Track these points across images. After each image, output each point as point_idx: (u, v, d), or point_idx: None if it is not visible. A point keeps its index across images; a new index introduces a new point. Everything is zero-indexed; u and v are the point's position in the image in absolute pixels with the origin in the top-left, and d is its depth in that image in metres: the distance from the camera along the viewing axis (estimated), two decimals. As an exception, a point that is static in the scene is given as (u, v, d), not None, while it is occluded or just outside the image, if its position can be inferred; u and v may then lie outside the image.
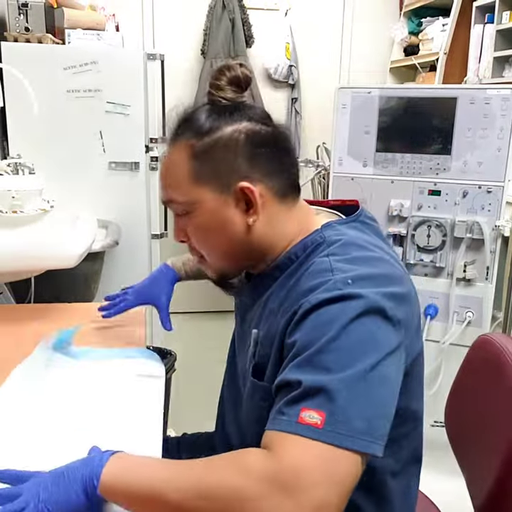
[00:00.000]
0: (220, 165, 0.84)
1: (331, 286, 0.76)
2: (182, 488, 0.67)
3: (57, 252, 1.55)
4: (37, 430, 0.96)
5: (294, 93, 3.66)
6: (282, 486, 0.63)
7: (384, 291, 0.76)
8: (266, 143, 0.86)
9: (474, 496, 1.11)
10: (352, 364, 0.69)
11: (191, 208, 0.86)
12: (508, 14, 2.61)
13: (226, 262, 0.91)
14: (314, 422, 0.66)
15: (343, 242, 0.84)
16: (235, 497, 0.64)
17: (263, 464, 0.65)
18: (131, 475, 0.71)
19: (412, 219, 1.93)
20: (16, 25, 2.28)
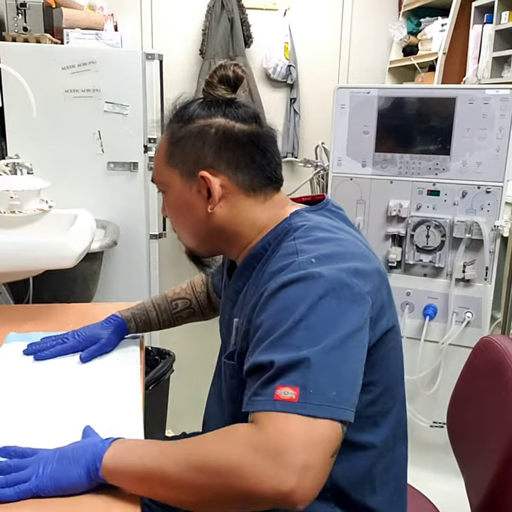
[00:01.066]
0: (189, 152, 0.92)
1: (296, 267, 0.81)
2: (177, 461, 0.73)
3: (56, 252, 1.54)
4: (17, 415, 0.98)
5: (292, 93, 3.66)
6: (268, 453, 0.68)
7: (347, 266, 0.81)
8: (236, 140, 0.92)
9: (472, 497, 1.11)
10: (320, 340, 0.74)
11: (164, 187, 0.97)
12: (507, 14, 2.61)
13: (193, 242, 1.00)
14: (289, 397, 0.71)
15: (307, 226, 0.89)
16: (225, 465, 0.70)
17: (250, 435, 0.71)
18: (130, 455, 0.77)
19: (411, 219, 1.93)
20: (15, 25, 2.28)
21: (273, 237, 0.92)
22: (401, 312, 2.00)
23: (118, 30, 2.75)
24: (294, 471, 0.67)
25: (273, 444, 0.69)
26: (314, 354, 0.73)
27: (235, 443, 0.71)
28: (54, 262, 1.55)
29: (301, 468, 0.68)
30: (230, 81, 0.94)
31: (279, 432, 0.70)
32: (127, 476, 0.77)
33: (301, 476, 0.68)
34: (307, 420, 0.70)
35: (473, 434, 1.14)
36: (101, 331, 1.22)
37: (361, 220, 1.99)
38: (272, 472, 0.68)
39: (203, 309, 1.32)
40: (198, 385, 2.45)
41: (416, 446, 2.04)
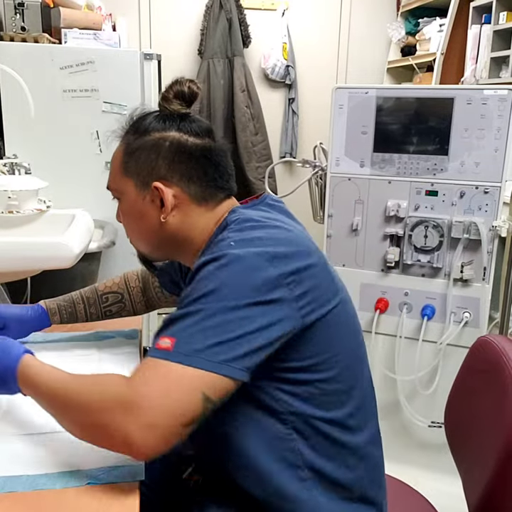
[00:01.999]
0: (143, 164, 0.97)
1: (216, 250, 0.87)
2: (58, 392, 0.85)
3: (54, 252, 1.54)
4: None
5: (291, 93, 3.66)
6: (123, 404, 0.77)
7: (265, 250, 0.85)
8: (189, 153, 0.96)
9: (470, 497, 1.11)
10: (212, 303, 0.81)
11: (119, 195, 1.02)
12: (505, 14, 2.61)
13: (145, 248, 1.05)
14: (166, 346, 0.79)
15: (240, 219, 0.94)
16: (84, 407, 0.81)
17: (116, 384, 0.80)
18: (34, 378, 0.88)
19: (409, 219, 1.93)
20: (12, 24, 2.28)
21: (213, 237, 0.98)
22: (399, 312, 2.00)
23: (116, 30, 2.75)
24: (139, 426, 0.75)
25: (131, 396, 0.77)
26: (199, 312, 0.80)
27: (101, 390, 0.81)
28: (52, 262, 1.55)
29: (147, 426, 0.76)
30: (185, 96, 0.98)
31: (143, 381, 0.78)
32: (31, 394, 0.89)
33: (145, 433, 0.76)
34: (175, 367, 0.77)
35: (470, 433, 1.14)
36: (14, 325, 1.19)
37: (359, 220, 1.99)
38: (121, 423, 0.76)
39: (134, 304, 1.32)
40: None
41: (414, 446, 2.05)
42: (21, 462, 0.87)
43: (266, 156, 3.59)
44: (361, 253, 2.02)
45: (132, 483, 0.83)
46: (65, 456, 0.88)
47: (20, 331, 1.21)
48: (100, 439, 0.81)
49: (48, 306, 1.24)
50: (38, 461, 0.87)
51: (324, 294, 0.90)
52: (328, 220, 2.04)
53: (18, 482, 0.82)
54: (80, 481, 0.82)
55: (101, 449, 0.81)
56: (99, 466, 0.85)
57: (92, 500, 0.79)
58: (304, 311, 0.86)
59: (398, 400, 2.04)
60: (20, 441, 0.92)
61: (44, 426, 0.96)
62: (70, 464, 0.86)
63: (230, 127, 3.51)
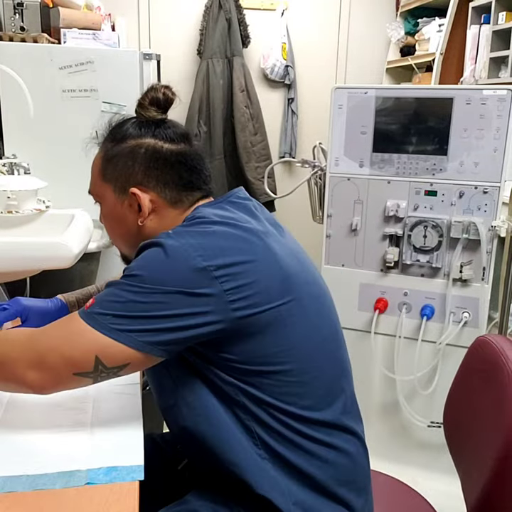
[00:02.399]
0: (121, 170, 1.00)
1: (157, 237, 0.91)
2: None
3: (53, 252, 1.54)
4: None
5: (290, 93, 3.66)
6: (22, 346, 0.90)
7: (198, 242, 0.89)
8: (163, 159, 1.00)
9: (468, 496, 1.11)
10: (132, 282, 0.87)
11: (99, 200, 1.06)
12: (505, 15, 2.61)
13: (126, 249, 1.08)
14: (87, 305, 0.89)
15: (194, 217, 0.97)
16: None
17: (26, 333, 0.94)
18: None
19: (408, 219, 1.93)
20: (12, 24, 2.28)
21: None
22: (398, 312, 2.00)
23: (115, 30, 2.75)
24: (34, 365, 0.88)
25: (37, 340, 0.90)
26: (120, 285, 0.88)
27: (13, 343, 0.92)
28: (51, 262, 1.55)
29: (41, 365, 0.87)
30: (160, 103, 1.01)
31: (53, 329, 0.91)
32: None
33: (39, 371, 0.88)
34: (80, 324, 0.87)
35: (469, 433, 1.14)
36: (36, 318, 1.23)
37: (358, 220, 1.99)
38: (15, 359, 0.89)
39: None
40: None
41: (413, 446, 2.05)
42: (21, 462, 0.86)
43: (265, 156, 3.59)
44: (360, 253, 2.02)
45: (131, 483, 0.83)
46: (65, 456, 0.88)
47: (41, 324, 1.21)
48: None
49: (67, 300, 1.28)
50: (37, 462, 0.87)
51: (264, 291, 0.90)
52: (328, 220, 2.04)
53: (17, 482, 0.82)
54: (79, 481, 0.83)
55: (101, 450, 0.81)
56: (99, 467, 0.85)
57: (92, 501, 0.79)
58: (236, 306, 0.87)
59: (397, 399, 2.04)
60: (20, 442, 0.92)
61: (44, 426, 0.96)
62: (69, 464, 0.86)
63: (230, 127, 3.51)
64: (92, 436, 0.93)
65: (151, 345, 0.86)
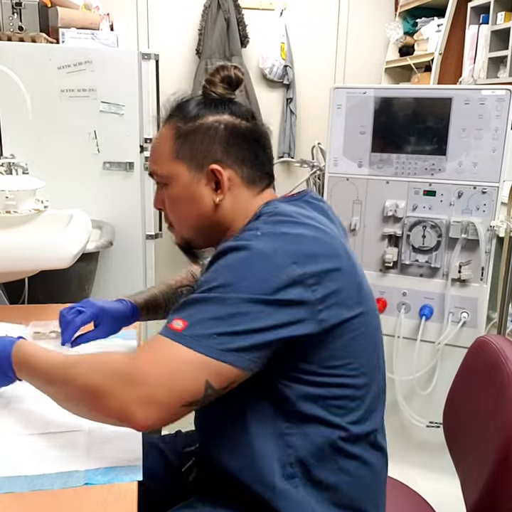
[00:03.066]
0: (198, 147, 0.97)
1: (241, 237, 0.88)
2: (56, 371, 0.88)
3: (51, 252, 1.54)
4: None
5: (289, 93, 3.66)
6: (126, 379, 0.80)
7: (290, 247, 0.85)
8: (243, 136, 0.98)
9: (468, 496, 1.11)
10: (226, 293, 0.82)
11: (168, 180, 1.00)
12: (503, 15, 2.61)
13: (191, 232, 1.03)
14: (177, 327, 0.81)
15: (273, 212, 0.94)
16: (85, 384, 0.83)
17: (121, 361, 0.83)
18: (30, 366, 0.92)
19: (407, 219, 1.93)
20: (10, 24, 2.27)
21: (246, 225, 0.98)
22: (397, 312, 2.00)
23: (114, 29, 2.74)
24: (140, 400, 0.79)
25: (135, 371, 0.80)
26: (215, 300, 0.82)
27: (104, 368, 0.83)
28: (49, 263, 1.54)
29: (146, 399, 0.79)
30: (232, 81, 1.00)
31: (148, 358, 0.81)
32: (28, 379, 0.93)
33: (146, 407, 0.79)
34: (180, 349, 0.80)
35: (468, 433, 1.14)
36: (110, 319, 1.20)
37: (357, 221, 1.99)
38: (120, 395, 0.79)
39: None
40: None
41: (412, 446, 2.05)
42: (19, 463, 0.86)
43: (264, 156, 3.58)
44: (359, 253, 2.02)
45: (130, 484, 0.82)
46: (63, 456, 0.88)
47: (113, 326, 1.22)
48: (97, 410, 0.83)
49: (136, 301, 1.25)
50: (36, 462, 0.86)
51: (346, 301, 0.89)
52: (326, 220, 2.04)
53: (16, 483, 0.82)
54: (77, 481, 0.82)
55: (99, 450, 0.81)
56: (97, 467, 0.85)
57: (90, 501, 0.79)
58: (323, 315, 0.85)
59: (396, 400, 2.04)
60: (18, 442, 0.92)
61: (42, 426, 0.96)
62: (67, 464, 0.86)
63: (228, 127, 3.50)
64: (90, 436, 0.93)
65: (255, 361, 0.82)
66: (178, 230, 1.04)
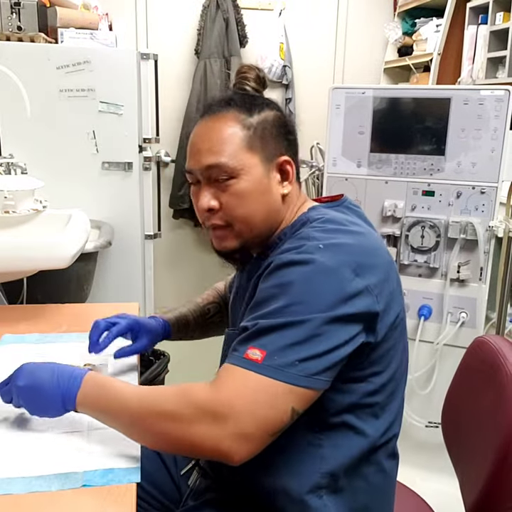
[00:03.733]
0: (268, 139, 0.96)
1: (303, 250, 0.86)
2: (139, 405, 0.84)
3: (50, 252, 1.53)
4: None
5: (288, 93, 3.66)
6: (213, 414, 0.78)
7: (351, 260, 0.85)
8: (293, 130, 1.01)
9: (466, 496, 1.11)
10: (301, 315, 0.81)
11: (238, 173, 0.93)
12: (502, 15, 2.61)
13: (255, 230, 0.97)
14: (256, 358, 0.80)
15: (323, 219, 0.94)
16: (172, 418, 0.80)
17: (203, 394, 0.80)
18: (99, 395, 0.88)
19: (405, 219, 1.93)
20: (9, 24, 2.27)
21: (290, 228, 0.97)
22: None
23: (112, 29, 2.74)
24: (232, 437, 0.77)
25: (221, 406, 0.78)
26: (290, 324, 0.80)
27: (187, 401, 0.80)
28: (48, 263, 1.54)
29: (237, 435, 0.77)
30: (262, 82, 1.02)
31: (231, 393, 0.79)
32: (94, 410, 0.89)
33: (238, 443, 0.78)
34: (263, 380, 0.79)
35: (467, 433, 1.14)
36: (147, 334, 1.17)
37: (356, 221, 1.99)
38: (211, 433, 0.78)
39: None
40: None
41: (411, 446, 2.05)
42: (17, 464, 0.86)
43: (263, 156, 3.58)
44: (358, 253, 2.01)
45: (128, 485, 0.82)
46: (61, 458, 0.88)
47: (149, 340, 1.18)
48: (188, 448, 0.82)
49: (167, 318, 1.24)
50: (33, 464, 0.86)
51: (394, 307, 0.90)
52: (325, 220, 2.04)
53: (13, 484, 0.82)
54: (75, 483, 0.82)
55: (97, 452, 0.81)
56: (95, 468, 0.85)
57: (88, 503, 0.79)
58: (382, 323, 0.87)
59: (395, 400, 2.03)
60: (15, 444, 0.92)
61: (40, 428, 0.95)
62: (65, 466, 0.86)
63: (227, 127, 3.50)
64: (88, 438, 0.93)
65: (330, 380, 0.83)
66: (238, 228, 0.96)
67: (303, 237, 0.90)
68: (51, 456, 0.88)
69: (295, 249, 0.87)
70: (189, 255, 3.64)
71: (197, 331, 1.28)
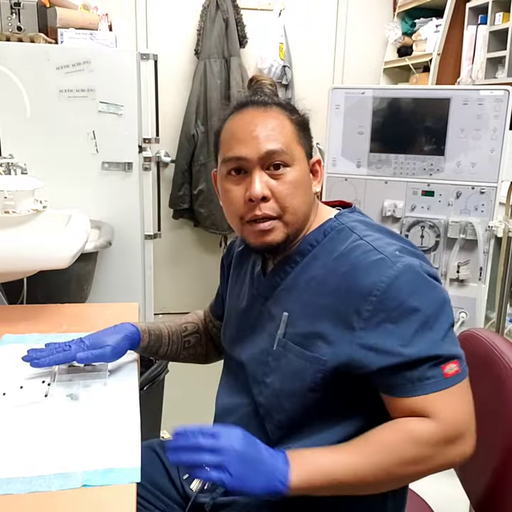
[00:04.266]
0: (306, 138, 0.99)
1: (389, 262, 0.86)
2: (372, 472, 0.82)
3: (50, 252, 1.54)
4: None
5: (287, 93, 3.66)
6: (450, 441, 0.82)
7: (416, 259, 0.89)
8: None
9: (471, 493, 1.11)
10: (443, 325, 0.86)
11: (291, 162, 0.94)
12: (501, 15, 2.62)
13: (299, 223, 0.96)
14: (455, 370, 0.84)
15: (364, 225, 0.95)
16: (415, 462, 0.82)
17: (430, 431, 0.82)
18: (318, 475, 0.82)
19: (405, 220, 1.93)
20: (9, 24, 2.27)
21: (321, 234, 0.97)
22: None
23: (112, 30, 2.74)
24: (471, 442, 0.84)
25: (452, 432, 0.82)
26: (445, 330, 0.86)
27: (420, 443, 0.82)
28: (48, 263, 1.54)
29: (472, 437, 0.84)
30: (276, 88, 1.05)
31: (454, 416, 0.83)
32: (314, 489, 0.83)
33: (472, 442, 0.84)
34: (465, 381, 0.85)
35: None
36: (109, 337, 1.11)
37: (356, 221, 1.99)
38: (454, 457, 0.83)
39: (207, 337, 1.27)
40: (193, 385, 2.45)
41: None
42: (17, 464, 0.86)
43: (262, 156, 3.58)
44: (358, 253, 2.02)
45: (128, 486, 0.82)
46: (61, 458, 0.88)
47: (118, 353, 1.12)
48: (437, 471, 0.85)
49: (137, 325, 1.17)
50: (33, 463, 0.86)
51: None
52: (325, 221, 2.04)
53: (13, 484, 0.82)
54: (75, 483, 0.82)
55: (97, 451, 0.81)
56: (95, 469, 0.85)
57: (88, 503, 0.79)
58: None
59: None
60: (15, 444, 0.92)
61: (40, 428, 0.96)
62: (65, 466, 0.86)
63: (227, 127, 3.50)
64: (88, 437, 0.93)
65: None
66: (288, 220, 0.94)
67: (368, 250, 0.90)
68: (51, 456, 0.88)
69: (381, 265, 0.87)
70: (189, 255, 3.64)
71: (170, 346, 1.22)
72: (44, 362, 1.09)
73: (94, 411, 1.01)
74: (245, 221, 0.94)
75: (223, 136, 0.97)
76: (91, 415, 0.99)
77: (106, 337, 1.11)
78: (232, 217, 0.97)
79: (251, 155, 0.92)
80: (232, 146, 0.94)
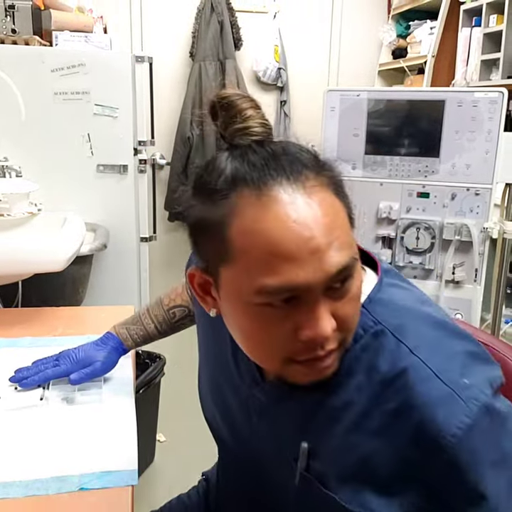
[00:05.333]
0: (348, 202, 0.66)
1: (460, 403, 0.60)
2: None
3: (45, 255, 1.53)
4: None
5: (282, 96, 3.67)
6: None
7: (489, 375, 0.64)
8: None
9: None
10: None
11: (355, 267, 0.63)
12: (495, 17, 2.63)
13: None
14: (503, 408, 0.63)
15: (411, 326, 0.66)
16: None
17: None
18: None
19: (400, 221, 1.93)
20: (3, 27, 2.27)
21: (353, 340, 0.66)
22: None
23: (107, 32, 2.74)
24: None
25: None
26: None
27: None
28: (43, 266, 1.54)
29: None
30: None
31: None
32: None
33: None
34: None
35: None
36: (96, 352, 1.10)
37: (351, 223, 2.00)
38: None
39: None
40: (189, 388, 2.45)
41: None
42: (13, 468, 0.86)
43: (258, 159, 3.58)
44: (353, 255, 2.02)
45: (125, 488, 0.82)
46: (58, 461, 0.87)
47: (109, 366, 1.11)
48: None
49: (119, 334, 1.15)
50: (30, 467, 0.86)
51: None
52: (321, 223, 2.05)
53: (10, 488, 0.81)
54: (72, 486, 0.82)
55: (94, 454, 0.80)
56: (92, 471, 0.85)
57: (85, 506, 0.79)
58: None
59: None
60: (12, 447, 0.91)
61: (36, 431, 0.95)
62: (62, 469, 0.85)
63: (222, 130, 3.51)
64: (84, 440, 0.92)
65: None
66: (348, 340, 0.65)
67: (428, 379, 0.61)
68: (48, 459, 0.88)
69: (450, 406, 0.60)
70: (184, 258, 3.62)
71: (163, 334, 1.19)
72: (33, 381, 1.08)
73: (90, 414, 1.00)
74: (295, 360, 0.63)
75: (241, 240, 0.59)
76: (87, 418, 0.99)
77: (94, 352, 1.10)
78: (268, 357, 0.65)
79: (314, 280, 0.58)
80: (274, 266, 0.58)
